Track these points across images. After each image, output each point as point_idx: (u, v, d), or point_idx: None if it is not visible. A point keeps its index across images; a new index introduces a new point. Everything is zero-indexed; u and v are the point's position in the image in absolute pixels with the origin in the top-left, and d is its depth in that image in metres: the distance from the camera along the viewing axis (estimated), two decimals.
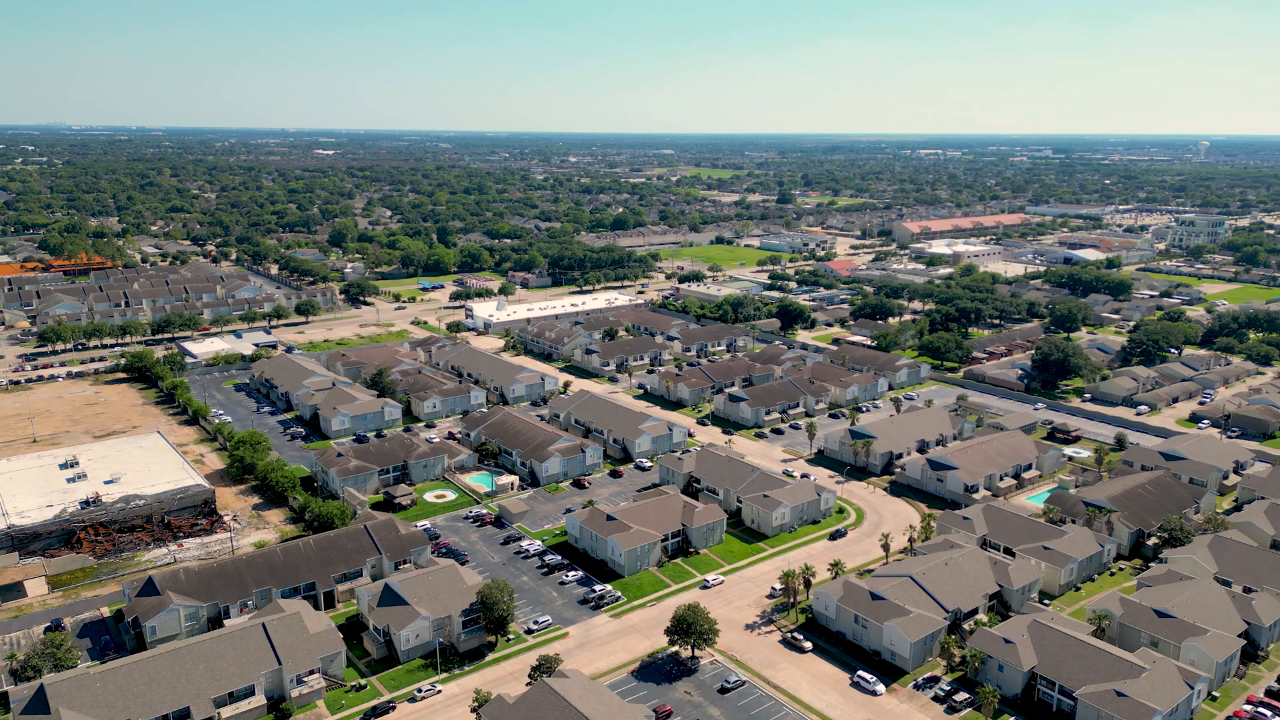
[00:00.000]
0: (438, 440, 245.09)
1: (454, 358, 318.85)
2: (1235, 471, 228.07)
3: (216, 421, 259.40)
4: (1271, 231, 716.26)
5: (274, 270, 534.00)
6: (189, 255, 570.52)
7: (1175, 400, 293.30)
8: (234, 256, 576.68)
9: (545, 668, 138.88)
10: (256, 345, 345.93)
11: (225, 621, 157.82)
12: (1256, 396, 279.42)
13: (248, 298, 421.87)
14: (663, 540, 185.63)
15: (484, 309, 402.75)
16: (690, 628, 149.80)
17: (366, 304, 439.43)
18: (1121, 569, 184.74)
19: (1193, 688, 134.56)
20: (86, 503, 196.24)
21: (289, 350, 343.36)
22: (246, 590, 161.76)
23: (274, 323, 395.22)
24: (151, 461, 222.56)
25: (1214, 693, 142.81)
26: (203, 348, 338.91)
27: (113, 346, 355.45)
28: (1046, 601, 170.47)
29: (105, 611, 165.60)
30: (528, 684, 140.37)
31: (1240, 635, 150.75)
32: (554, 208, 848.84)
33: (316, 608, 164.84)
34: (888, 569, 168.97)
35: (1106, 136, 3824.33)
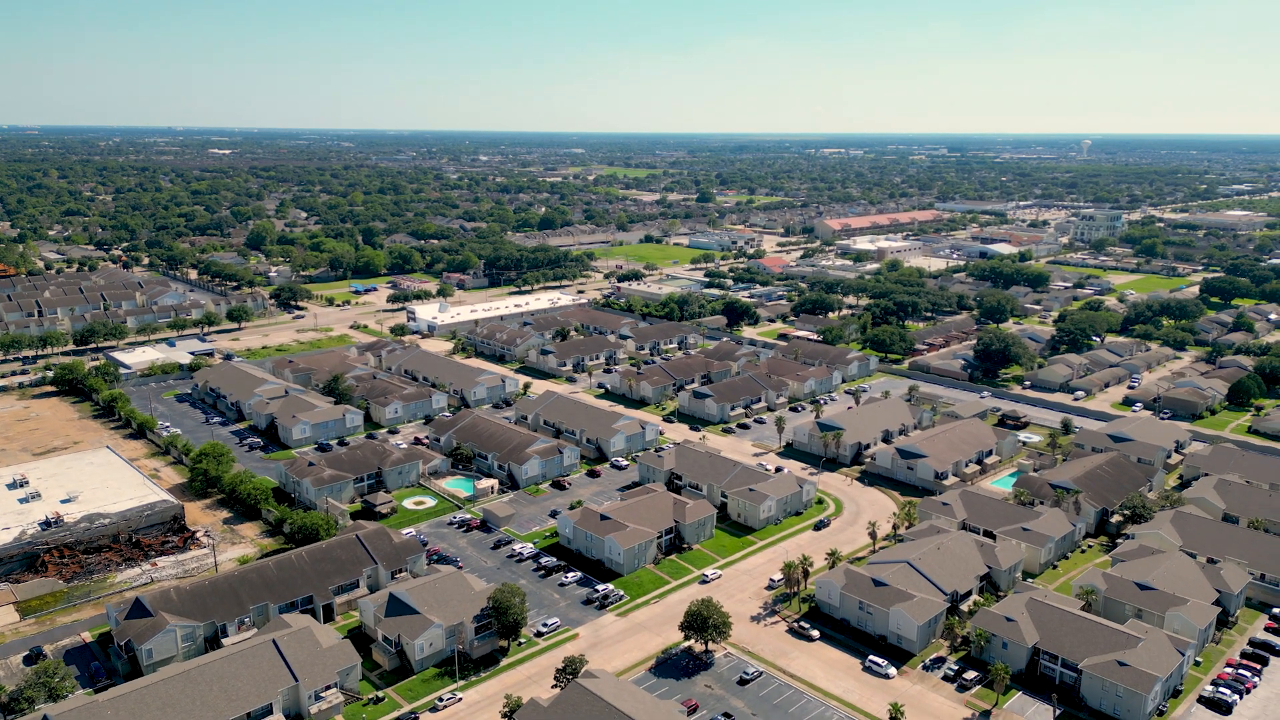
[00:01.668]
0: (405, 446, 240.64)
1: (406, 362, 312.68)
2: (1176, 451, 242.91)
3: (166, 434, 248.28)
4: (1161, 225, 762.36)
5: (192, 275, 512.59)
6: (96, 261, 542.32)
7: (1107, 385, 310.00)
8: (146, 261, 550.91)
9: (572, 669, 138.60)
10: (193, 354, 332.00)
11: (223, 641, 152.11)
12: (1181, 380, 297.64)
13: (172, 304, 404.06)
14: (657, 537, 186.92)
15: (427, 311, 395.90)
16: (705, 622, 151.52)
17: (299, 308, 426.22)
18: (1090, 546, 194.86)
19: (1183, 654, 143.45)
20: (47, 523, 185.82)
21: (227, 358, 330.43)
22: (243, 607, 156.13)
23: (205, 330, 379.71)
24: (108, 478, 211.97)
25: (1197, 658, 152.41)
26: (135, 358, 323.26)
27: (34, 359, 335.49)
28: (1029, 580, 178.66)
29: (87, 637, 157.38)
30: (554, 686, 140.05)
31: (1214, 603, 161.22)
32: (476, 207, 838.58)
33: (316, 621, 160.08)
34: (883, 555, 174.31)
35: (995, 135, 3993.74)
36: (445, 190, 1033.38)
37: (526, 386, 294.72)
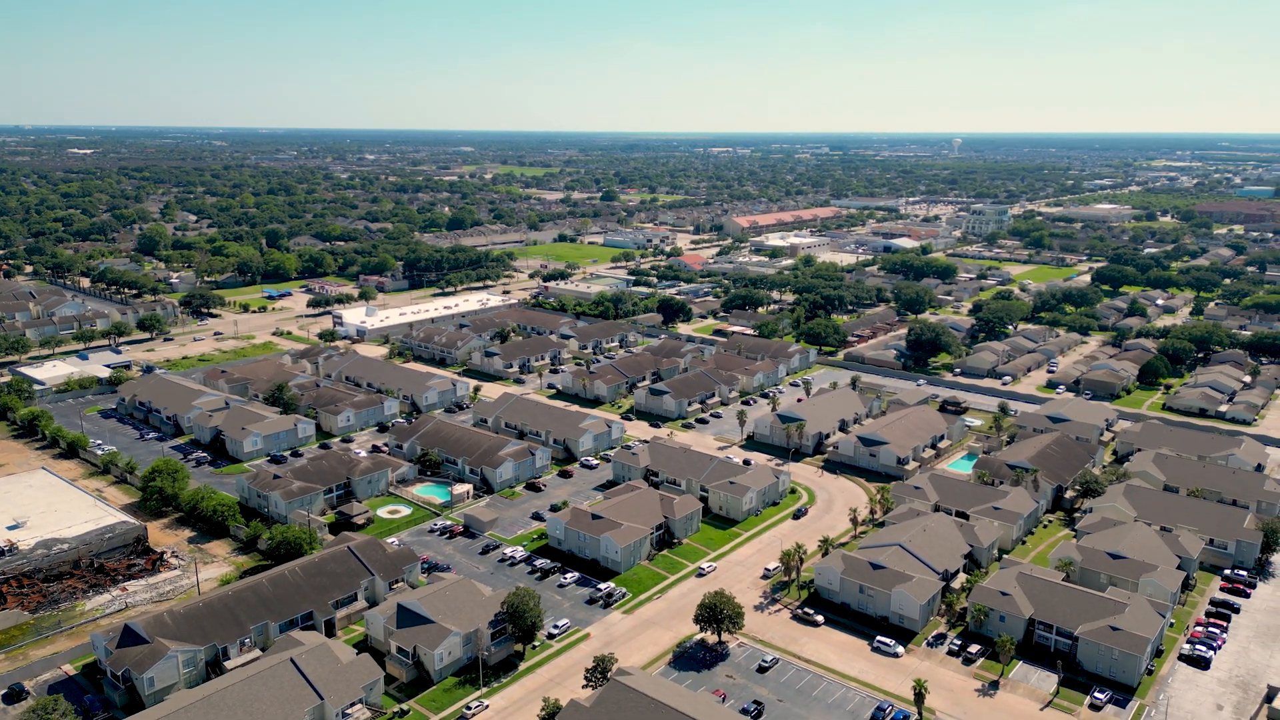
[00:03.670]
0: (364, 455, 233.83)
1: (347, 368, 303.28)
2: (1107, 428, 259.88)
3: (102, 453, 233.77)
4: (1041, 218, 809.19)
5: (84, 284, 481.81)
6: None
7: (1029, 370, 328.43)
8: (29, 270, 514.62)
9: (602, 668, 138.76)
10: (110, 366, 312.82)
11: (225, 664, 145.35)
12: (1096, 363, 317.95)
13: (73, 315, 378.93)
14: (650, 534, 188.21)
15: (354, 315, 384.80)
16: (719, 613, 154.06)
17: (213, 316, 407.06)
18: (1051, 522, 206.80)
19: (1164, 616, 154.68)
20: (0, 552, 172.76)
21: (148, 370, 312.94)
22: (243, 628, 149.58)
23: (117, 341, 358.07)
24: (54, 501, 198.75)
25: (1170, 620, 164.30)
26: (47, 372, 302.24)
27: None
28: (1004, 556, 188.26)
29: (70, 669, 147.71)
30: (584, 685, 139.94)
31: (1177, 568, 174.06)
32: (377, 208, 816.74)
33: None
34: (873, 539, 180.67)
35: (872, 134, 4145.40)
36: (339, 190, 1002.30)
37: (477, 390, 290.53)
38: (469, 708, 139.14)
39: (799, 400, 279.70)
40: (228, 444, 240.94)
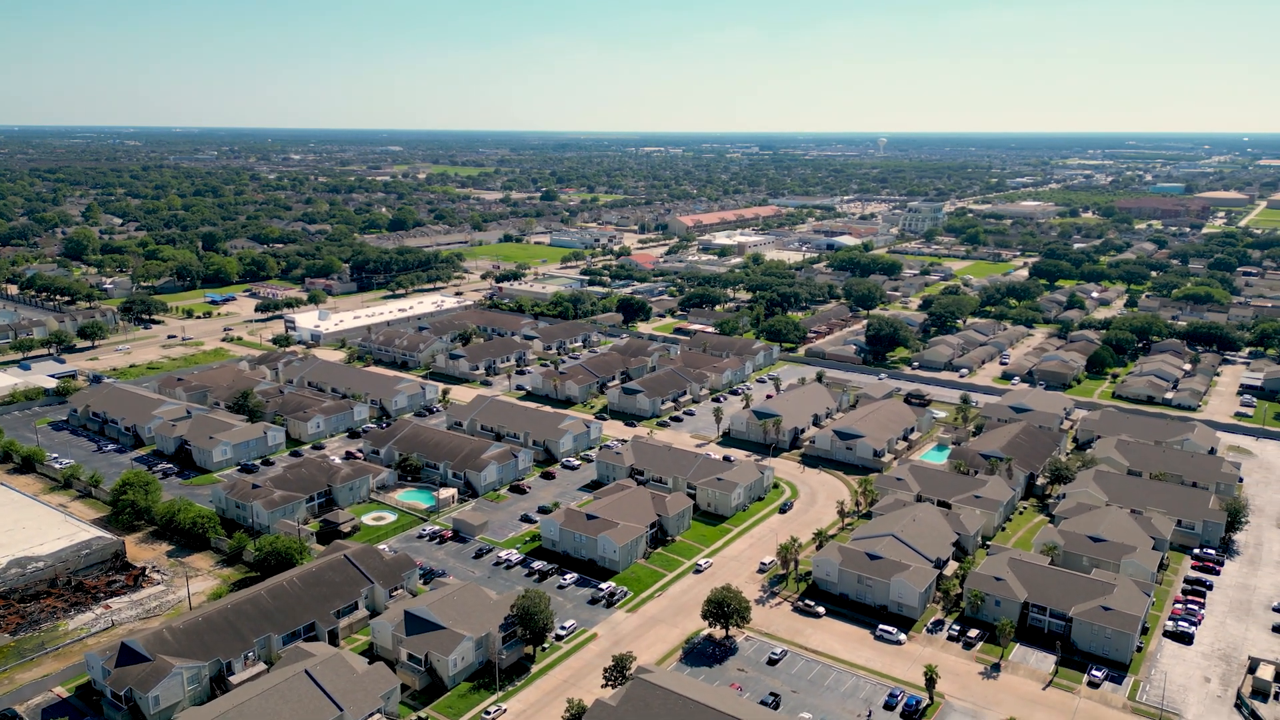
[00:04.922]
0: (337, 461, 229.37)
1: (309, 373, 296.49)
2: (1066, 417, 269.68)
3: (62, 466, 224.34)
4: (971, 215, 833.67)
5: (11, 290, 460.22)
6: None
7: (983, 362, 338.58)
8: None
9: (621, 666, 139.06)
10: (54, 376, 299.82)
11: (229, 679, 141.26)
12: (1046, 354, 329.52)
13: (6, 324, 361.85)
14: (645, 532, 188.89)
15: (307, 319, 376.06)
16: (726, 608, 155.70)
17: (156, 323, 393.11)
18: (1026, 509, 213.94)
19: (1149, 595, 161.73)
20: None
21: (95, 379, 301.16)
22: (246, 642, 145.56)
23: (58, 349, 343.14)
24: (19, 518, 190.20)
25: (1152, 599, 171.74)
26: None
27: None
28: (987, 543, 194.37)
29: (62, 692, 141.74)
30: (604, 685, 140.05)
31: (1153, 549, 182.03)
32: (311, 209, 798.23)
33: None
34: (866, 530, 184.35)
35: (798, 134, 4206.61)
36: (269, 191, 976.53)
37: (446, 393, 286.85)
38: (487, 712, 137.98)
39: (769, 396, 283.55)
40: (195, 454, 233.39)
